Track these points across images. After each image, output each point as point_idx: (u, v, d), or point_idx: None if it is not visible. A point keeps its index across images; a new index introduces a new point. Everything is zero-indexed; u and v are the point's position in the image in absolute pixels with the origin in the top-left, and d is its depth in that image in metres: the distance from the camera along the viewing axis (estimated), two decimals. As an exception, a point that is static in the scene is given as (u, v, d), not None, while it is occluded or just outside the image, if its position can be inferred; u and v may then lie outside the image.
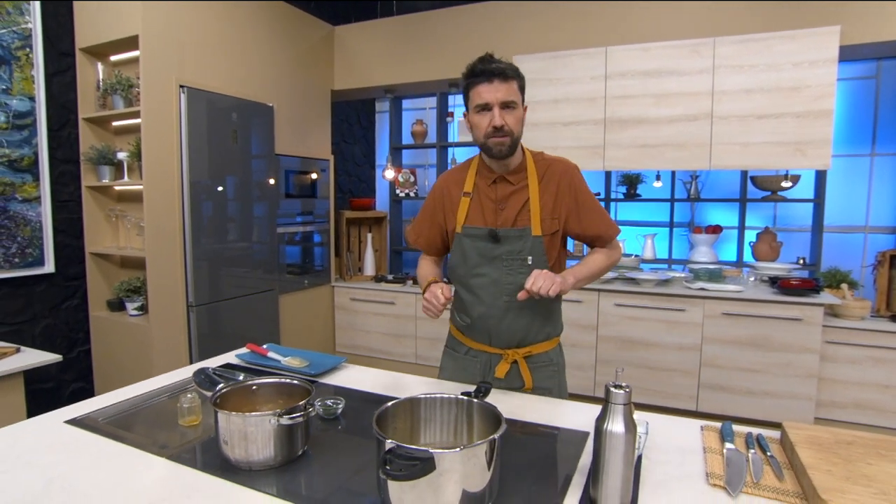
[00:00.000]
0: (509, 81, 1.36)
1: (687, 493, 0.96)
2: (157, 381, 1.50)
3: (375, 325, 4.05)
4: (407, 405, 1.01)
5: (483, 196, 1.49)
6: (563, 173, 1.47)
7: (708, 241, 3.93)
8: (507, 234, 1.44)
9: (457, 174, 1.56)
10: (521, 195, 1.46)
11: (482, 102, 1.36)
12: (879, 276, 2.99)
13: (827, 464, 0.97)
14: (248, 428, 0.98)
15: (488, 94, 1.35)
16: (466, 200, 1.50)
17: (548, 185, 1.46)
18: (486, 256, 1.46)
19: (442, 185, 1.57)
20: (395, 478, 0.78)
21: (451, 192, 1.54)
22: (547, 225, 1.45)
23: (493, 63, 1.36)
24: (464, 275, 1.50)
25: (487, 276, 1.46)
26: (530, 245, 1.43)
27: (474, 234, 1.47)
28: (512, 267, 1.44)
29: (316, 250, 4.05)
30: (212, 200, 2.98)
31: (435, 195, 1.58)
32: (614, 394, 0.89)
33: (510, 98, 1.36)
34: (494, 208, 1.47)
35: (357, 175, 5.22)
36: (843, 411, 2.85)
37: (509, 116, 1.37)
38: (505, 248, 1.44)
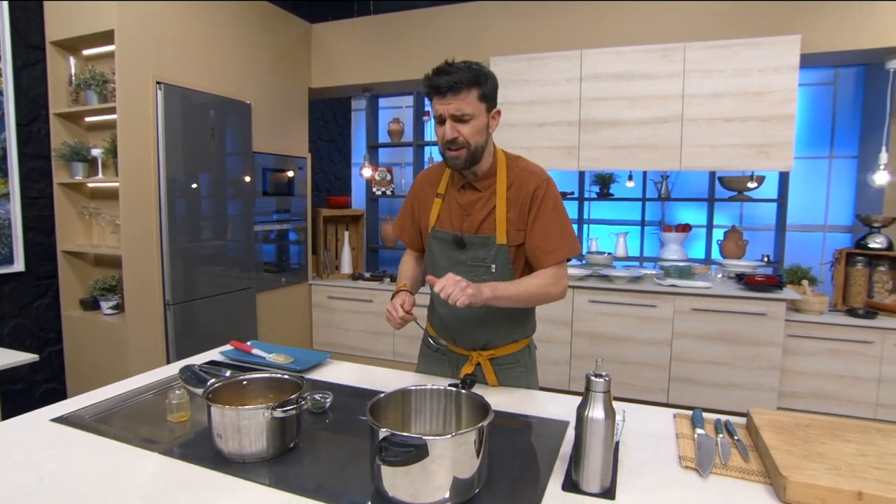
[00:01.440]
0: (463, 93, 1.30)
1: (661, 474, 1.03)
2: (140, 379, 1.50)
3: (353, 323, 4.06)
4: (399, 396, 1.05)
5: (452, 200, 1.49)
6: (534, 185, 1.41)
7: (678, 240, 4.06)
8: (472, 240, 1.43)
9: (433, 173, 1.56)
10: (487, 203, 1.44)
11: (436, 114, 1.35)
12: (837, 272, 3.15)
13: (788, 444, 1.05)
14: (241, 421, 1.00)
15: (440, 106, 1.33)
16: (438, 202, 1.51)
17: (516, 194, 1.42)
18: (452, 260, 1.46)
19: (419, 183, 1.59)
20: (391, 463, 0.82)
21: (425, 191, 1.56)
22: (512, 236, 1.42)
23: (444, 75, 1.30)
24: (433, 275, 1.49)
25: None
26: (494, 253, 1.41)
27: (441, 238, 1.48)
28: (476, 273, 1.42)
29: (292, 248, 4.04)
30: (189, 198, 2.95)
31: (413, 193, 1.61)
32: (595, 382, 0.95)
33: (463, 111, 1.31)
34: (461, 213, 1.46)
35: (333, 173, 5.21)
36: (803, 401, 3.00)
37: (464, 128, 1.33)
38: (470, 254, 1.43)
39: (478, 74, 1.32)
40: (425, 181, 1.57)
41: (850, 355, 2.89)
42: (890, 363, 2.83)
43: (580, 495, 0.95)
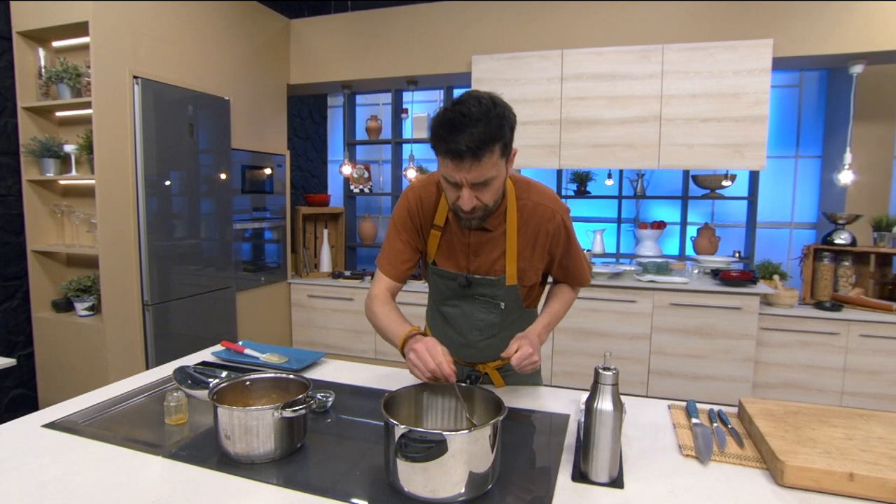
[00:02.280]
0: (486, 156, 1.06)
1: (664, 463, 1.06)
2: (129, 383, 1.46)
3: (333, 322, 4.03)
4: (411, 392, 1.05)
5: (455, 237, 1.32)
6: (548, 220, 1.29)
7: (653, 236, 4.17)
8: (480, 281, 1.33)
9: (427, 198, 1.33)
10: (497, 244, 1.30)
11: (449, 179, 1.12)
12: (805, 267, 3.28)
13: (781, 431, 1.10)
14: (250, 422, 1.00)
15: (456, 174, 1.09)
16: (437, 235, 1.33)
17: (533, 233, 1.30)
18: (458, 294, 1.37)
19: (415, 208, 1.34)
20: (412, 459, 0.83)
21: (424, 217, 1.34)
22: (528, 276, 1.34)
23: (461, 133, 1.03)
24: (436, 302, 1.46)
25: (459, 308, 1.39)
26: (504, 292, 1.33)
27: (443, 276, 1.37)
28: (486, 308, 1.36)
29: (271, 247, 3.99)
30: (167, 196, 2.88)
31: (409, 218, 1.35)
32: (603, 375, 0.97)
33: (485, 177, 1.09)
34: (467, 253, 1.32)
35: (309, 170, 5.15)
36: (774, 391, 3.12)
37: (485, 194, 1.13)
38: (477, 290, 1.34)
39: (500, 121, 1.07)
40: (421, 208, 1.33)
41: (818, 346, 3.02)
42: (854, 353, 2.97)
43: (590, 485, 0.98)
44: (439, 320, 1.48)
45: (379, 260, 1.40)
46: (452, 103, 1.08)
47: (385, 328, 1.28)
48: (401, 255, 1.36)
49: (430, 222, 1.34)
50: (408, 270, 1.38)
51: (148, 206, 2.74)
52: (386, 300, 1.35)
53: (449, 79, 4.02)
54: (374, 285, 1.38)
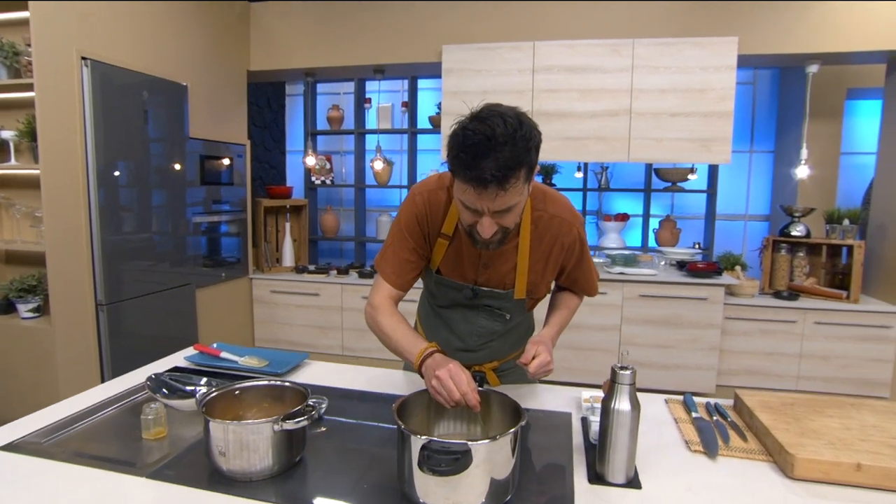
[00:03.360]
0: (512, 181, 0.96)
1: (674, 459, 1.06)
2: (95, 394, 1.33)
3: (298, 318, 3.90)
4: (423, 397, 1.00)
5: (464, 248, 1.23)
6: (565, 233, 1.23)
7: (616, 228, 4.24)
8: (487, 294, 1.27)
9: (437, 204, 1.23)
10: (509, 257, 1.23)
11: (468, 206, 1.02)
12: (764, 258, 3.42)
13: (783, 423, 1.11)
14: (247, 436, 0.92)
15: (477, 201, 0.99)
16: (444, 244, 1.24)
17: (540, 244, 1.23)
18: (460, 304, 1.32)
19: (423, 213, 1.23)
20: (440, 473, 0.78)
21: (432, 224, 1.24)
22: (539, 289, 1.30)
23: (486, 159, 0.93)
24: (434, 303, 1.40)
25: (461, 313, 1.34)
26: (510, 305, 1.29)
27: (448, 286, 1.29)
28: (490, 317, 1.32)
29: (230, 241, 3.80)
30: (120, 187, 2.68)
31: (417, 224, 1.24)
32: (621, 374, 0.95)
33: (509, 204, 1.00)
34: (477, 265, 1.25)
35: (267, 161, 4.96)
36: (737, 377, 3.24)
37: (505, 219, 1.04)
38: (483, 301, 1.29)
39: (527, 143, 0.96)
40: (429, 214, 1.22)
41: (777, 334, 3.15)
42: (809, 340, 3.12)
43: (607, 486, 0.95)
44: (434, 321, 1.43)
45: (380, 265, 1.28)
46: (473, 119, 0.97)
47: (395, 343, 1.17)
48: (407, 265, 1.25)
49: (437, 230, 1.24)
50: (413, 279, 1.29)
51: (99, 198, 2.54)
52: (391, 311, 1.24)
53: (416, 68, 3.93)
54: (376, 293, 1.26)
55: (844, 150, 4.01)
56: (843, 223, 3.25)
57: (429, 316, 1.46)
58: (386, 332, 1.20)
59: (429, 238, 1.26)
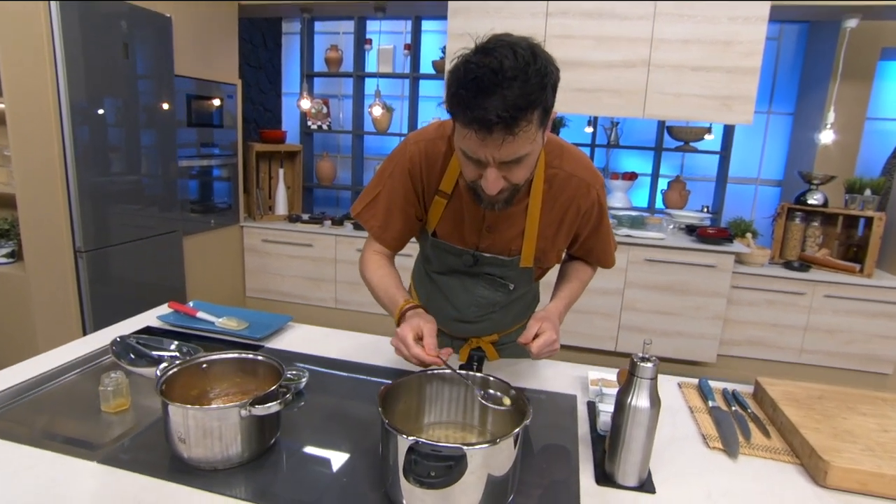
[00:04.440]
0: (521, 125, 0.80)
1: (692, 457, 0.95)
2: (61, 355, 1.22)
3: (290, 269, 3.78)
4: (413, 383, 0.88)
5: (466, 207, 1.09)
6: (582, 196, 1.08)
7: (624, 187, 4.07)
8: (489, 260, 1.13)
9: (435, 156, 1.08)
10: (517, 219, 1.08)
11: (471, 155, 0.87)
12: (777, 226, 3.27)
13: (812, 421, 1.00)
14: (210, 423, 0.80)
15: (481, 149, 0.84)
16: (442, 203, 1.10)
17: (553, 206, 1.08)
18: (458, 273, 1.19)
19: (416, 164, 1.09)
20: (428, 485, 0.66)
21: (429, 178, 1.10)
22: (548, 257, 1.16)
23: (491, 96, 0.77)
24: (430, 269, 1.26)
25: (458, 281, 1.21)
26: (515, 274, 1.16)
27: (445, 250, 1.16)
28: (491, 288, 1.18)
29: (220, 186, 3.63)
30: (98, 126, 2.49)
31: (409, 175, 1.10)
32: (641, 368, 0.83)
33: (518, 154, 0.84)
34: (480, 228, 1.10)
35: (262, 103, 4.70)
36: (739, 347, 3.17)
37: (516, 172, 0.89)
38: (484, 269, 1.15)
39: (542, 79, 0.80)
40: (424, 165, 1.08)
41: (784, 305, 3.05)
42: (817, 313, 3.02)
43: (618, 489, 0.85)
44: (429, 288, 1.30)
45: (365, 217, 1.15)
46: (477, 52, 0.81)
47: (380, 297, 1.11)
48: (397, 221, 1.13)
49: (434, 187, 1.10)
50: (405, 238, 1.18)
51: (75, 136, 2.35)
52: (378, 263, 1.15)
53: (420, 8, 3.65)
54: (367, 245, 1.19)
55: (870, 115, 3.79)
56: (864, 193, 3.09)
57: (423, 282, 1.33)
58: (371, 287, 1.14)
59: (423, 196, 1.12)
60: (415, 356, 0.91)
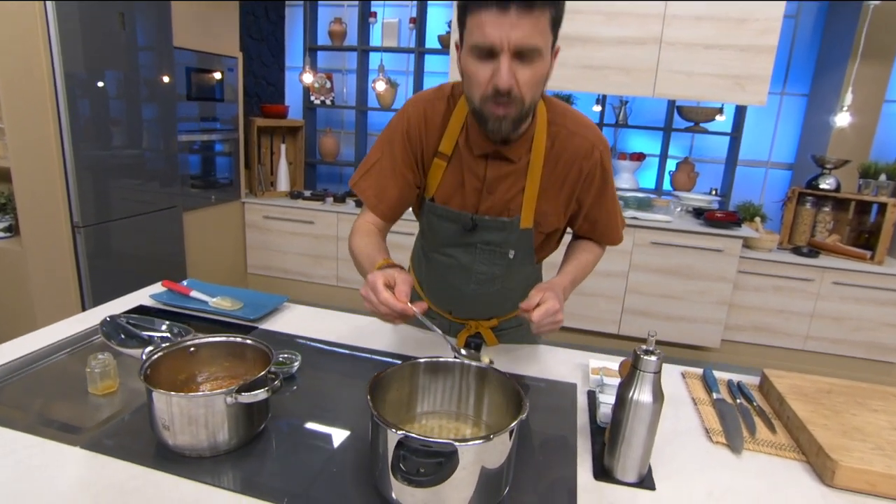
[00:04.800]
0: (536, 12, 0.83)
1: (693, 452, 0.92)
2: (46, 336, 1.19)
3: (292, 246, 3.76)
4: (405, 372, 0.84)
5: (466, 168, 1.07)
6: (584, 155, 1.06)
7: (631, 168, 4.00)
8: (488, 223, 1.09)
9: (433, 115, 1.07)
10: (517, 179, 1.06)
11: (484, 43, 0.85)
12: (787, 211, 3.20)
13: (820, 417, 0.97)
14: (195, 410, 0.77)
15: (496, 29, 0.83)
16: (441, 165, 1.08)
17: (556, 165, 1.06)
18: (456, 241, 1.14)
19: (414, 125, 1.08)
20: (416, 483, 0.63)
21: (427, 139, 1.08)
22: (548, 220, 1.11)
23: None
24: (428, 247, 1.23)
25: (455, 258, 1.16)
26: (515, 238, 1.10)
27: (443, 216, 1.12)
28: (489, 258, 1.13)
29: (221, 161, 3.58)
30: (96, 98, 2.44)
31: (406, 137, 1.08)
32: (645, 361, 0.79)
33: (532, 43, 0.84)
34: (479, 189, 1.07)
35: (264, 77, 4.61)
36: (744, 333, 3.13)
37: (524, 72, 0.87)
38: (482, 237, 1.11)
39: None
40: (422, 125, 1.07)
41: (791, 291, 3.01)
42: (824, 300, 2.98)
43: (616, 485, 0.82)
44: (427, 272, 1.26)
45: (360, 185, 1.13)
46: None
47: (361, 262, 1.06)
48: (391, 188, 1.10)
49: (433, 149, 1.08)
50: (399, 208, 1.14)
51: (71, 109, 2.30)
52: (365, 231, 1.11)
53: (427, -21, 3.53)
54: (359, 217, 1.15)
55: (888, 97, 3.68)
56: (878, 178, 3.01)
57: (421, 264, 1.30)
58: (355, 254, 1.08)
59: (421, 159, 1.10)
60: (383, 302, 0.86)
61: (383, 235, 1.15)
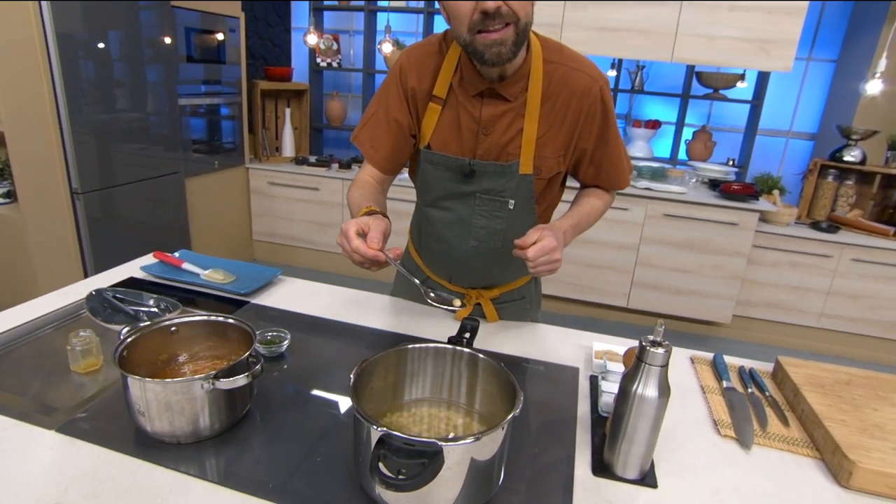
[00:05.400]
0: None
1: (700, 446, 0.87)
2: (31, 309, 1.15)
3: (297, 213, 3.71)
4: (391, 359, 0.79)
5: (462, 110, 1.04)
6: (582, 93, 1.01)
7: (646, 136, 3.86)
8: (486, 168, 1.04)
9: (426, 60, 1.06)
10: (515, 119, 1.03)
11: None
12: (807, 184, 3.08)
13: (837, 412, 0.91)
14: (171, 397, 0.73)
15: None
16: (436, 109, 1.05)
17: (554, 104, 1.02)
18: (453, 192, 1.09)
19: (406, 72, 1.07)
20: (398, 487, 0.59)
21: (420, 83, 1.06)
22: (548, 164, 1.06)
23: None
24: (424, 202, 1.18)
25: (453, 212, 1.11)
26: (515, 185, 1.05)
27: (439, 163, 1.08)
28: (488, 209, 1.08)
29: (225, 125, 3.50)
30: (91, 60, 2.36)
31: (394, 86, 1.08)
32: (651, 353, 0.73)
33: None
34: (476, 131, 1.04)
35: (269, 38, 4.47)
36: (756, 309, 3.06)
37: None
38: (480, 185, 1.06)
39: None
40: (414, 69, 1.06)
41: (808, 268, 2.91)
42: (842, 277, 2.89)
43: (615, 481, 0.78)
44: (425, 228, 1.20)
45: (359, 138, 1.13)
46: None
47: (351, 213, 1.04)
48: (387, 136, 1.10)
49: (427, 93, 1.06)
50: (397, 157, 1.13)
51: (65, 70, 2.22)
52: (363, 183, 1.12)
53: (436, -68, 3.34)
54: (360, 170, 1.15)
55: (923, 63, 3.47)
56: (907, 150, 2.87)
57: (419, 224, 1.25)
58: (350, 205, 1.07)
59: (415, 104, 1.08)
60: (354, 249, 0.86)
61: (383, 189, 1.14)
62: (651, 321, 3.25)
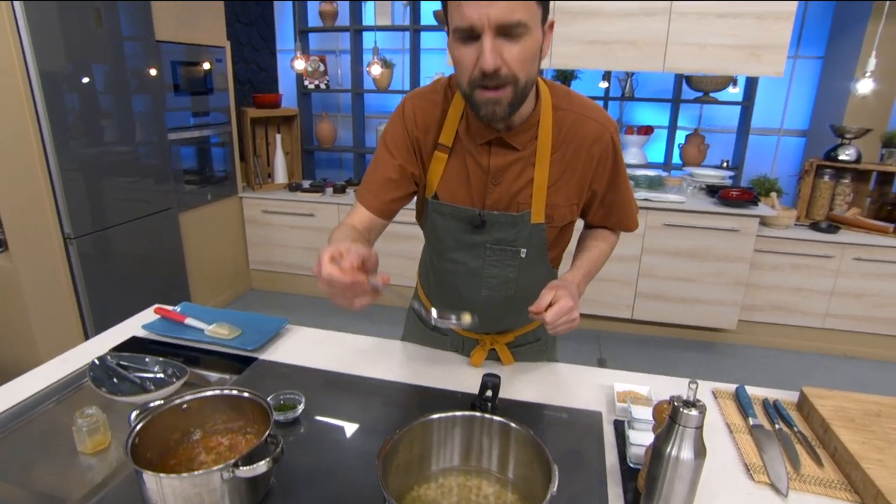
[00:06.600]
0: None
1: (735, 496, 0.85)
2: (31, 382, 1.11)
3: (293, 240, 3.67)
4: (416, 432, 0.76)
5: (469, 159, 1.01)
6: (594, 140, 1.00)
7: (639, 143, 3.86)
8: (497, 219, 1.01)
9: (431, 108, 1.02)
10: (525, 169, 0.99)
11: (464, 24, 0.80)
12: (804, 184, 3.08)
13: (873, 450, 0.89)
14: (189, 490, 0.70)
15: (474, 9, 0.78)
16: (442, 158, 1.02)
17: (565, 152, 1.00)
18: (463, 243, 1.06)
19: (413, 117, 1.03)
20: None
21: (426, 134, 1.03)
22: (560, 212, 1.03)
23: None
24: (433, 252, 1.15)
25: (463, 264, 1.08)
26: (527, 234, 1.03)
27: (448, 214, 1.04)
28: (500, 259, 1.05)
29: (216, 154, 3.46)
30: (76, 98, 2.32)
31: (406, 129, 1.03)
32: (686, 416, 0.70)
33: (513, 18, 0.78)
34: (485, 181, 1.00)
35: (256, 62, 4.45)
36: (761, 313, 3.05)
37: (512, 50, 0.81)
38: (491, 235, 1.03)
39: None
40: (419, 118, 1.02)
41: (810, 269, 2.91)
42: (845, 276, 2.88)
43: (654, 547, 0.75)
44: (434, 278, 1.18)
45: (360, 191, 1.06)
46: None
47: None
48: (389, 184, 1.03)
49: (433, 141, 1.02)
50: (394, 203, 1.05)
51: (50, 108, 2.17)
52: (347, 226, 1.01)
53: (419, -48, 3.34)
54: (347, 216, 1.06)
55: (910, 58, 3.49)
56: (901, 147, 2.87)
57: (429, 277, 1.22)
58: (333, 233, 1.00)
59: (420, 153, 1.04)
60: (326, 276, 0.71)
61: (369, 238, 1.03)
62: (657, 331, 3.23)
